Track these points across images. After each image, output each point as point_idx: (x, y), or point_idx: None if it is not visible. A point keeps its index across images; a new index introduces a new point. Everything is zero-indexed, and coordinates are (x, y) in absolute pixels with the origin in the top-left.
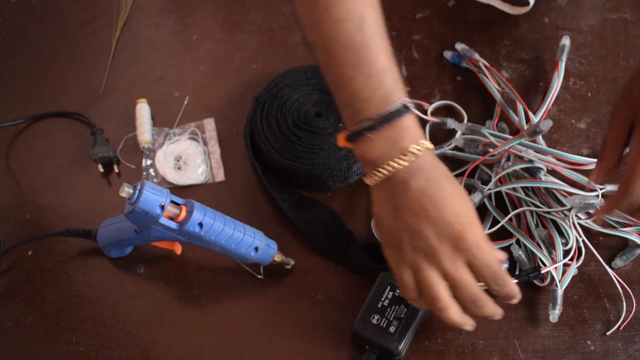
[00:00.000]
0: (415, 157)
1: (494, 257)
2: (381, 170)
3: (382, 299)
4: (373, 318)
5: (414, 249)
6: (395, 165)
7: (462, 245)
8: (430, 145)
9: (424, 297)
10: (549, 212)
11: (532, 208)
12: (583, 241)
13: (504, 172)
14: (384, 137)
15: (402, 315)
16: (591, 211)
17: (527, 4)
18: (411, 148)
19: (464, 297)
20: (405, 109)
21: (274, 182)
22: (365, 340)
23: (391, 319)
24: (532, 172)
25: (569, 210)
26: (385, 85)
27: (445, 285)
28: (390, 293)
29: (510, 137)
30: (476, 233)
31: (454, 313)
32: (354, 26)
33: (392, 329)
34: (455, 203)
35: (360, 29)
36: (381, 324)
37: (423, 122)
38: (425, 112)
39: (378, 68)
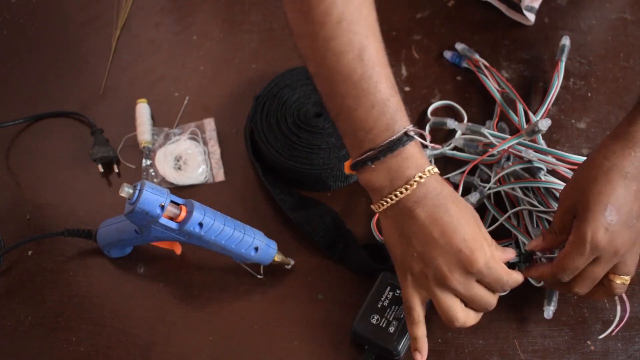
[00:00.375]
0: (419, 185)
1: (502, 272)
2: (386, 199)
3: (382, 299)
4: (373, 318)
5: (426, 276)
6: (399, 194)
7: (472, 270)
8: (435, 170)
9: (442, 318)
10: (546, 212)
11: (530, 207)
12: None
13: (504, 172)
14: (387, 167)
15: (402, 316)
16: None
17: (523, 12)
18: (415, 177)
19: (478, 307)
20: (407, 137)
21: (274, 182)
22: (364, 340)
23: (391, 319)
24: (532, 172)
25: None
26: (387, 115)
27: (460, 304)
28: (390, 293)
29: (510, 136)
30: (485, 255)
31: (472, 323)
32: (355, 58)
33: (391, 329)
34: (463, 228)
35: (361, 60)
36: (381, 324)
37: (421, 127)
38: (426, 141)
39: (379, 98)
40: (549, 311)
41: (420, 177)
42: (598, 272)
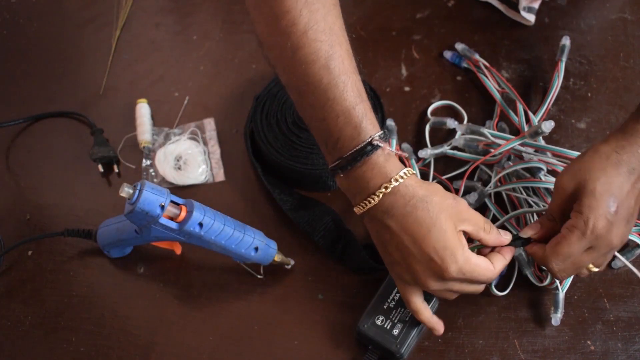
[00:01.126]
0: (384, 196)
1: (478, 272)
2: (361, 206)
3: (389, 300)
4: (378, 319)
5: (408, 278)
6: (368, 204)
7: (447, 277)
8: (409, 173)
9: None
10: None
11: (532, 209)
12: None
13: (504, 172)
14: (355, 176)
15: (407, 319)
16: None
17: (519, 12)
18: (381, 187)
19: (467, 293)
20: (372, 146)
21: (274, 182)
22: (368, 339)
23: (395, 321)
24: (532, 172)
25: None
26: (352, 124)
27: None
28: (397, 295)
29: (512, 137)
30: (457, 262)
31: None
32: (321, 67)
33: (395, 332)
34: (434, 236)
35: (327, 68)
36: (385, 326)
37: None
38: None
39: (345, 107)
40: (557, 318)
41: (386, 188)
42: (585, 261)
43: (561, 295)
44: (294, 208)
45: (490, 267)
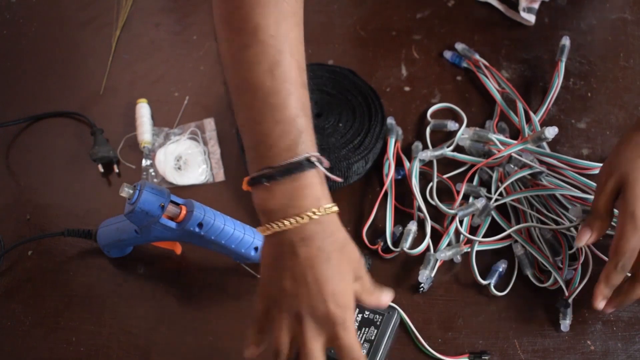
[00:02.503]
0: (310, 221)
1: (354, 341)
2: (273, 224)
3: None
4: None
5: (282, 308)
6: (287, 224)
7: (330, 324)
8: (334, 209)
9: (272, 341)
10: (556, 227)
11: (540, 225)
12: (587, 245)
13: (509, 182)
14: (282, 190)
15: (373, 338)
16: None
17: (521, 10)
18: (309, 210)
19: None
20: (309, 163)
21: None
22: None
23: (362, 342)
24: (534, 176)
25: (577, 226)
26: (291, 135)
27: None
28: (359, 315)
29: (514, 141)
30: (348, 316)
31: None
32: (265, 70)
33: (363, 351)
34: (338, 282)
35: (272, 74)
36: None
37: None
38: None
39: (285, 116)
40: (566, 325)
41: (314, 213)
42: None
43: (569, 302)
44: None
45: (359, 349)
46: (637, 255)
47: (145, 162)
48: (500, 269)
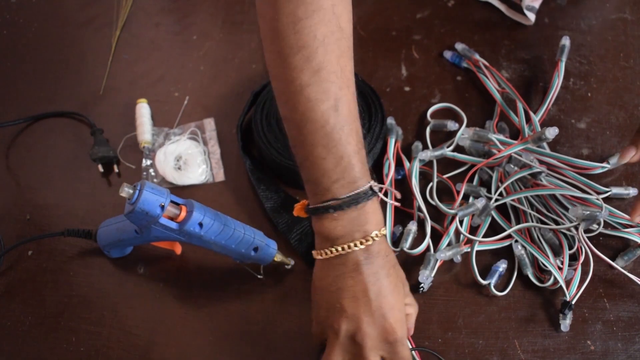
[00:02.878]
0: (374, 242)
1: (409, 354)
2: (338, 248)
3: None
4: None
5: (340, 328)
6: (354, 247)
7: (390, 339)
8: (384, 232)
9: None
10: (556, 227)
11: (540, 225)
12: (588, 245)
13: (509, 182)
14: (349, 219)
15: None
16: (595, 225)
17: (523, 12)
18: (373, 233)
19: None
20: (372, 192)
21: (261, 177)
22: None
23: None
24: (533, 175)
25: (577, 226)
26: (355, 168)
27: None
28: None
29: (514, 142)
30: (404, 330)
31: None
32: (330, 107)
33: None
34: (396, 297)
35: (336, 110)
36: None
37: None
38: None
39: (349, 151)
40: (566, 325)
41: (377, 235)
42: None
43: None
44: (276, 207)
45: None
46: None
47: (145, 162)
48: (500, 269)
